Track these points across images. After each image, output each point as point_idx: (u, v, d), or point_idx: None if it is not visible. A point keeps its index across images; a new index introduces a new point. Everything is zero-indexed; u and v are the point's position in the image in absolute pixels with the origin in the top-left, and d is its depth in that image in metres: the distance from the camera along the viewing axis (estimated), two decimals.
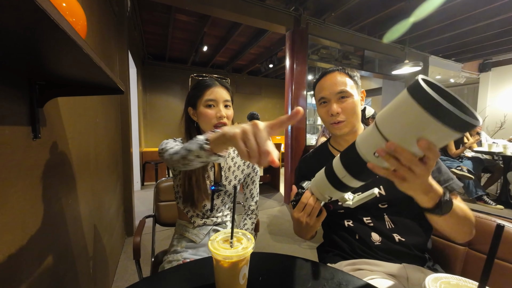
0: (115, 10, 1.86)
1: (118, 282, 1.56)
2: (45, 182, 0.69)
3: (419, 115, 0.31)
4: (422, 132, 0.33)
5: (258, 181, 1.00)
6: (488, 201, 3.01)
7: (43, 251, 0.66)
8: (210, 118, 0.81)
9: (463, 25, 3.51)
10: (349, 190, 0.50)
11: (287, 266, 0.60)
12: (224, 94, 0.84)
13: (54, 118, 0.76)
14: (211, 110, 0.82)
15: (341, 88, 0.75)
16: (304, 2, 2.89)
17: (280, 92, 6.96)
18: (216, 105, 0.82)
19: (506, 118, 5.12)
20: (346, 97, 0.75)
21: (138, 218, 2.36)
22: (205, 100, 0.82)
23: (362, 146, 0.42)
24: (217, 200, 0.91)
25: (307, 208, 0.58)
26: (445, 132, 0.31)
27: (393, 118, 0.36)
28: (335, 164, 0.49)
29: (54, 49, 0.40)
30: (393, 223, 0.72)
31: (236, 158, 0.94)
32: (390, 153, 0.37)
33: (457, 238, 0.60)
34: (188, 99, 0.88)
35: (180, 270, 0.60)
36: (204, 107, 0.82)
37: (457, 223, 0.56)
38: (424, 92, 0.30)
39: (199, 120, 0.85)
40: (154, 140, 5.23)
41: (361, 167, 0.42)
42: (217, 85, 0.84)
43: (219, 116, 0.81)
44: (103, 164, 1.43)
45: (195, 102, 0.84)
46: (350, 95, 0.75)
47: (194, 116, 0.86)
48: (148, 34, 3.93)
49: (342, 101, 0.75)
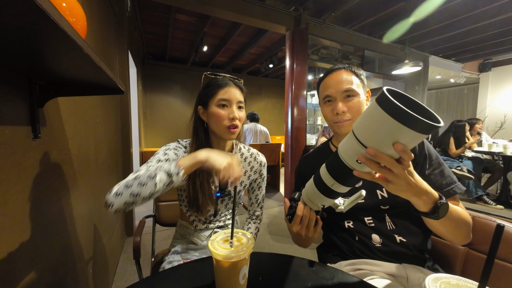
0: (115, 10, 1.86)
1: (118, 282, 1.56)
2: (45, 182, 0.69)
3: (389, 122, 0.35)
4: (394, 136, 0.37)
5: (265, 187, 0.97)
6: (488, 201, 3.01)
7: (43, 251, 0.66)
8: (222, 118, 0.77)
9: (463, 25, 3.50)
10: (339, 196, 0.53)
11: (287, 266, 0.60)
12: (238, 95, 0.80)
13: (54, 118, 0.76)
14: (224, 111, 0.77)
15: (347, 86, 0.73)
16: (304, 2, 2.89)
17: (280, 92, 6.96)
18: (229, 105, 0.78)
19: (506, 118, 5.12)
20: (352, 96, 0.73)
21: (138, 218, 2.36)
22: (218, 100, 0.77)
23: (344, 154, 0.45)
24: (221, 205, 0.88)
25: (304, 220, 0.59)
26: (414, 135, 0.35)
27: (368, 127, 0.40)
28: (323, 173, 0.51)
29: (54, 49, 0.40)
30: (394, 224, 0.72)
31: (244, 163, 0.91)
32: (371, 159, 0.40)
33: (454, 241, 0.60)
34: (199, 98, 0.83)
35: (180, 270, 0.60)
36: (216, 106, 0.78)
37: (453, 227, 0.56)
38: (390, 102, 0.34)
39: (210, 121, 0.80)
40: (154, 140, 5.23)
41: (348, 174, 0.46)
42: (231, 85, 0.80)
43: (231, 117, 0.77)
44: (103, 164, 1.43)
45: (206, 101, 0.80)
46: (357, 94, 0.73)
47: (204, 115, 0.82)
48: (148, 34, 3.93)
49: (348, 100, 0.73)
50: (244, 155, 0.92)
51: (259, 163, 0.94)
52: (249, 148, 0.95)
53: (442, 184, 0.67)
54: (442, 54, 4.84)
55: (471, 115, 6.07)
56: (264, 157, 0.96)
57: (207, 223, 0.88)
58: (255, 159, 0.93)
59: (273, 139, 5.23)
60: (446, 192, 0.66)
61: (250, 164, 0.92)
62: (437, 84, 6.88)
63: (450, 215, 0.53)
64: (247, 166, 0.91)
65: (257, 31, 3.77)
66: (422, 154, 0.70)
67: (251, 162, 0.92)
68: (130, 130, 2.23)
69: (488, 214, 0.71)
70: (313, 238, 0.64)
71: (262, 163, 0.94)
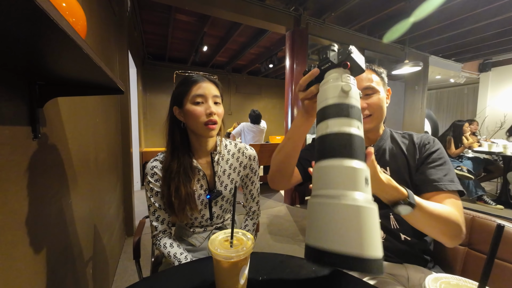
0: (115, 10, 1.86)
1: (118, 282, 1.56)
2: (45, 182, 0.69)
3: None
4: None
5: (258, 181, 0.96)
6: (488, 201, 3.01)
7: (43, 251, 0.66)
8: (198, 115, 0.74)
9: (463, 25, 3.51)
10: None
11: (287, 266, 0.60)
12: (213, 90, 0.77)
13: (54, 118, 0.76)
14: (200, 107, 0.74)
15: (367, 84, 0.72)
16: (304, 2, 2.89)
17: (280, 92, 6.96)
18: (205, 101, 0.75)
19: (506, 118, 5.12)
20: (372, 94, 0.73)
21: (138, 218, 2.36)
22: (192, 96, 0.74)
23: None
24: (216, 208, 0.86)
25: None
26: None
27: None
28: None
29: (53, 49, 0.40)
30: (399, 223, 0.72)
31: (232, 159, 0.88)
32: None
33: (441, 240, 0.57)
34: (173, 98, 0.80)
35: (180, 270, 0.60)
36: (191, 104, 0.75)
37: (430, 224, 0.55)
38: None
39: (187, 120, 0.77)
40: (154, 140, 5.23)
41: None
42: (205, 80, 0.77)
43: (208, 112, 0.74)
44: (103, 164, 1.43)
45: (181, 99, 0.77)
46: (376, 91, 0.73)
47: (180, 115, 0.79)
48: (148, 34, 3.93)
49: (367, 98, 0.73)
50: (231, 151, 0.89)
51: (248, 157, 0.90)
52: (236, 144, 0.91)
53: (441, 177, 0.65)
54: (442, 54, 4.84)
55: (471, 115, 6.08)
56: (254, 150, 0.93)
57: (205, 226, 0.87)
58: (243, 154, 0.90)
59: (273, 139, 5.22)
60: (443, 185, 0.63)
61: (239, 160, 0.89)
62: (437, 84, 6.88)
63: (422, 207, 0.52)
64: (235, 162, 0.88)
65: (257, 31, 3.77)
66: (432, 148, 0.71)
67: (239, 157, 0.89)
68: (130, 130, 2.23)
69: (488, 214, 0.71)
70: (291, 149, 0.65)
71: (252, 157, 0.91)
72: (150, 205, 0.81)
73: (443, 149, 0.72)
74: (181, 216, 0.79)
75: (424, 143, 0.73)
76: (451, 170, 0.67)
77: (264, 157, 3.57)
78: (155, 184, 0.79)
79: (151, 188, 0.79)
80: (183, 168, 0.77)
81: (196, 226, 0.87)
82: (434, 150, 0.70)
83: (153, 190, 0.79)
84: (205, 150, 0.84)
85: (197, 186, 0.82)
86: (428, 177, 0.65)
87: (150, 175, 0.79)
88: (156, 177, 0.79)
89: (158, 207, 0.80)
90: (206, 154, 0.84)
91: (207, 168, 0.84)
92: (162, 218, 0.81)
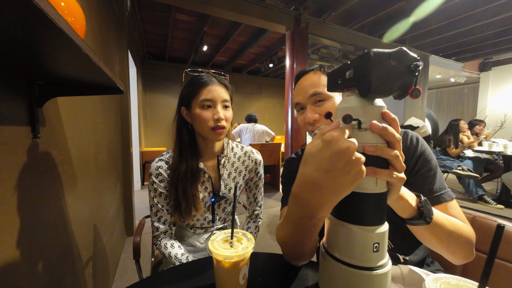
0: (114, 9, 1.86)
1: (118, 282, 1.56)
2: (45, 182, 0.69)
3: None
4: None
5: (263, 185, 0.94)
6: (488, 201, 3.01)
7: (43, 251, 0.66)
8: (206, 120, 0.72)
9: (463, 24, 3.50)
10: None
11: (287, 266, 0.60)
12: (223, 93, 0.74)
13: (53, 118, 0.76)
14: (208, 112, 0.72)
15: (314, 90, 0.63)
16: (304, 1, 2.89)
17: (280, 92, 6.95)
18: (213, 105, 0.73)
19: (507, 118, 5.11)
20: (322, 100, 0.63)
21: (138, 218, 2.36)
22: (201, 100, 0.72)
23: None
24: (218, 210, 0.85)
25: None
26: None
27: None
28: None
29: (52, 49, 0.40)
30: (393, 243, 0.66)
31: (237, 162, 0.86)
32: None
33: (449, 258, 0.52)
34: (181, 98, 0.78)
35: (180, 270, 0.60)
36: (199, 108, 0.73)
37: (446, 235, 0.49)
38: None
39: (194, 122, 0.76)
40: (154, 140, 5.23)
41: None
42: (214, 82, 0.74)
43: (216, 118, 0.72)
44: (103, 164, 1.43)
45: (189, 101, 0.75)
46: (328, 97, 0.63)
47: (187, 117, 0.77)
48: (148, 34, 3.93)
49: (318, 105, 0.63)
50: (238, 154, 0.88)
51: (254, 161, 0.89)
52: (243, 146, 0.90)
53: (431, 189, 0.59)
54: (442, 54, 4.84)
55: (471, 115, 6.07)
56: (260, 154, 0.92)
57: (206, 228, 0.86)
58: (249, 157, 0.89)
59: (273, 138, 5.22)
60: (436, 197, 0.58)
61: (245, 163, 0.88)
62: (437, 83, 6.88)
63: (438, 220, 0.47)
64: (241, 165, 0.87)
65: (257, 31, 3.76)
66: (416, 152, 0.62)
67: (245, 161, 0.88)
68: (130, 130, 2.22)
69: (488, 214, 0.71)
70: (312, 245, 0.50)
71: (258, 161, 0.90)
72: (152, 206, 0.80)
73: (428, 148, 0.63)
74: (187, 217, 0.78)
75: (408, 146, 0.63)
76: (440, 175, 0.61)
77: (264, 157, 3.52)
78: (159, 185, 0.78)
79: (155, 188, 0.79)
80: (191, 170, 0.77)
81: (197, 227, 0.86)
82: (419, 155, 0.62)
83: (157, 190, 0.79)
84: (212, 153, 0.83)
85: (202, 188, 0.81)
86: (423, 188, 0.59)
87: (155, 176, 0.78)
88: (160, 178, 0.79)
89: (160, 208, 0.79)
90: (213, 157, 0.84)
91: (213, 171, 0.83)
92: (164, 219, 0.80)
